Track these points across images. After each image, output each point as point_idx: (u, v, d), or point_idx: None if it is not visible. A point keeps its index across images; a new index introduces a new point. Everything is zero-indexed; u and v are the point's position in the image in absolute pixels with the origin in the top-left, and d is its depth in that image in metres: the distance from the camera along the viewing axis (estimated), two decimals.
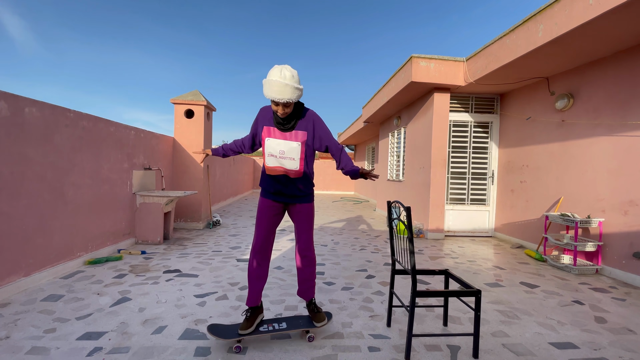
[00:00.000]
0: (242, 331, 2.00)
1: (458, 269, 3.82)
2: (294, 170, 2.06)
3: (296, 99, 1.90)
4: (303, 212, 2.19)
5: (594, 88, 3.98)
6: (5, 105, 2.61)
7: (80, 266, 3.47)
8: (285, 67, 1.86)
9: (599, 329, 2.40)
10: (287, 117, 2.00)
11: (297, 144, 2.03)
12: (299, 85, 1.89)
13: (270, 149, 2.04)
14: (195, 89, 5.87)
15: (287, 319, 2.24)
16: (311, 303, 2.22)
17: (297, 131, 2.05)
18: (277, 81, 1.81)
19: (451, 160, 5.84)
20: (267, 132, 2.06)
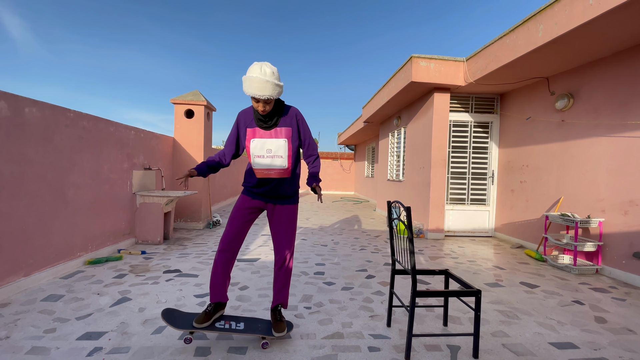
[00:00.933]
0: (196, 324, 1.96)
1: (458, 269, 3.82)
2: (282, 169, 2.02)
3: (277, 95, 1.88)
4: (286, 214, 2.11)
5: (594, 88, 3.98)
6: (5, 105, 2.62)
7: (80, 266, 3.47)
8: (265, 64, 1.84)
9: (599, 329, 2.40)
10: (268, 115, 1.98)
11: (283, 140, 2.00)
12: (280, 82, 1.88)
13: (257, 149, 2.00)
14: (195, 89, 5.87)
15: (246, 319, 2.16)
16: (276, 309, 2.13)
17: (280, 128, 2.02)
18: (257, 77, 1.79)
19: (451, 160, 5.84)
20: (252, 133, 2.02)
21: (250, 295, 2.85)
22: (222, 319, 2.11)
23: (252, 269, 3.57)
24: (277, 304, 2.14)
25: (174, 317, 2.01)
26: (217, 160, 2.17)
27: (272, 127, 2.00)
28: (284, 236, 2.11)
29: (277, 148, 1.99)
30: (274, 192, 2.08)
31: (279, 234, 2.12)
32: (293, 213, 2.15)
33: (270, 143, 1.99)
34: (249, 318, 2.17)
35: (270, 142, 1.99)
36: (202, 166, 2.14)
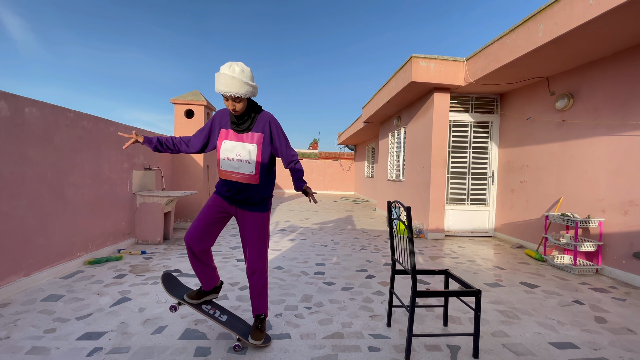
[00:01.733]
0: (187, 297, 2.08)
1: (458, 269, 3.82)
2: (249, 175, 1.98)
3: (246, 94, 1.85)
4: (253, 222, 2.05)
5: (594, 88, 3.98)
6: (5, 105, 2.62)
7: (80, 266, 3.47)
8: (236, 63, 1.84)
9: (599, 329, 2.40)
10: (242, 117, 1.96)
11: (253, 145, 1.97)
12: (251, 82, 1.85)
13: (227, 152, 1.97)
14: (195, 89, 5.87)
15: (231, 315, 2.16)
16: (258, 317, 2.10)
17: (253, 133, 1.98)
18: (224, 74, 1.78)
19: (451, 160, 5.84)
20: (224, 134, 2.00)
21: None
22: (210, 304, 2.16)
23: None
24: (257, 314, 2.12)
25: (171, 284, 2.11)
26: (173, 142, 2.10)
27: (244, 131, 1.98)
28: (252, 245, 2.05)
29: (246, 153, 1.96)
30: (240, 196, 2.03)
31: (247, 243, 2.07)
32: (262, 221, 2.08)
33: (241, 147, 1.97)
34: (234, 315, 2.18)
35: (241, 146, 1.97)
36: (154, 138, 2.06)
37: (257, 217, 2.06)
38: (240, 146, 1.97)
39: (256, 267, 2.06)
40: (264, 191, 2.07)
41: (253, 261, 2.06)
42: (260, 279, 2.09)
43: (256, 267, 2.06)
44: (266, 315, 2.15)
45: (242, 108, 1.92)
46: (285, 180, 16.40)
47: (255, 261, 2.06)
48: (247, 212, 2.06)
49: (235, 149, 1.97)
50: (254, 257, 2.06)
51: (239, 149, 1.97)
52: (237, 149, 1.97)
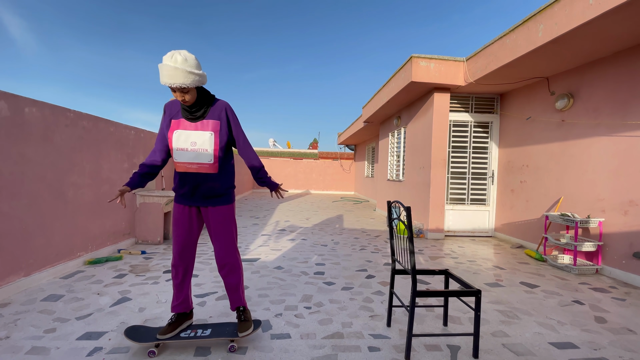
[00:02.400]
0: (160, 336, 1.92)
1: (458, 269, 3.82)
2: (208, 164, 1.92)
3: (193, 84, 1.77)
4: (218, 215, 2.00)
5: (594, 88, 3.98)
6: (5, 105, 2.62)
7: (80, 266, 3.47)
8: (178, 52, 1.75)
9: (599, 329, 2.40)
10: (195, 106, 1.89)
11: (209, 133, 1.90)
12: (196, 70, 1.77)
13: (180, 142, 1.89)
14: None
15: (214, 325, 2.13)
16: (239, 310, 2.09)
17: (208, 120, 1.92)
18: (167, 65, 1.70)
19: (451, 160, 5.84)
20: (176, 124, 1.91)
21: (250, 295, 2.85)
22: (189, 328, 2.08)
23: (252, 269, 3.57)
24: (236, 307, 2.10)
25: (138, 333, 1.96)
26: (149, 165, 1.98)
27: (198, 119, 1.91)
28: (219, 239, 2.01)
29: (202, 141, 1.89)
30: (200, 191, 1.96)
31: (214, 238, 2.02)
32: (227, 213, 2.02)
33: (196, 135, 1.90)
34: (218, 324, 2.15)
35: (196, 135, 1.90)
36: (135, 178, 1.95)
37: (221, 210, 2.01)
38: (195, 134, 1.90)
39: (225, 262, 2.02)
40: (225, 181, 2.01)
41: (221, 256, 2.02)
42: (232, 274, 2.05)
43: (225, 262, 2.02)
44: (245, 306, 2.12)
45: (192, 98, 1.85)
46: (285, 179, 16.40)
47: (223, 256, 2.02)
48: (210, 208, 2.00)
49: (190, 138, 1.89)
50: (222, 251, 2.01)
51: (194, 138, 1.89)
52: (191, 138, 1.89)
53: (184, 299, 2.06)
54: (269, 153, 20.22)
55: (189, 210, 2.00)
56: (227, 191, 2.04)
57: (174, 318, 2.04)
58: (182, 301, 2.06)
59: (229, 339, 1.98)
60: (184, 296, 2.06)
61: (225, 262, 2.03)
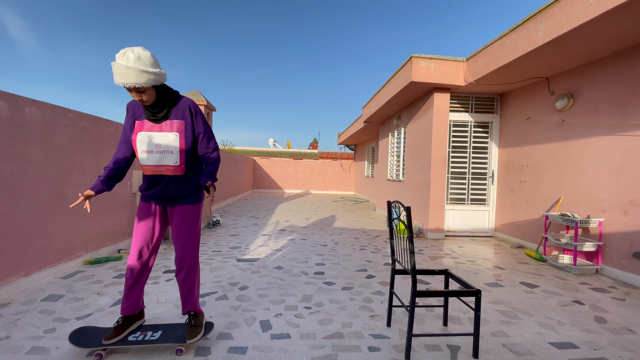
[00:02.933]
0: (105, 341, 1.85)
1: (458, 268, 3.82)
2: (174, 166, 1.87)
3: (148, 83, 1.68)
4: (183, 214, 1.95)
5: (594, 88, 3.98)
6: (5, 105, 2.62)
7: (80, 266, 3.47)
8: (132, 49, 1.65)
9: (599, 329, 2.40)
10: (156, 106, 1.82)
11: (174, 134, 1.84)
12: (151, 69, 1.68)
13: (144, 144, 1.83)
14: (195, 89, 5.87)
15: (165, 327, 2.07)
16: (189, 314, 2.03)
17: (172, 121, 1.85)
18: (118, 64, 1.62)
19: (451, 160, 5.84)
20: (139, 126, 1.85)
21: (250, 295, 2.85)
22: (138, 329, 2.01)
23: (252, 269, 3.57)
24: (187, 311, 2.04)
25: (83, 336, 1.90)
26: (114, 167, 1.93)
27: (162, 120, 1.84)
28: (179, 239, 1.94)
29: (167, 143, 1.84)
30: (167, 192, 1.92)
31: (176, 237, 1.95)
32: (191, 213, 1.97)
33: (160, 137, 1.84)
34: (169, 325, 2.10)
35: (160, 136, 1.84)
36: (98, 183, 1.88)
37: (186, 209, 1.96)
38: (159, 136, 1.84)
39: (183, 263, 1.95)
40: (192, 182, 1.97)
41: (179, 257, 1.95)
42: (188, 277, 1.98)
43: (183, 263, 1.95)
44: (197, 311, 2.05)
45: (151, 98, 1.77)
46: (285, 180, 16.40)
47: (181, 257, 1.95)
48: (177, 207, 1.96)
49: (154, 140, 1.84)
50: (180, 252, 1.94)
51: (158, 140, 1.84)
52: (155, 140, 1.84)
53: (135, 300, 1.99)
54: (269, 153, 20.23)
55: (154, 208, 1.97)
56: (194, 191, 1.99)
57: (120, 321, 1.96)
58: (132, 302, 1.98)
59: (177, 345, 1.92)
60: (134, 297, 1.98)
61: (184, 264, 1.95)
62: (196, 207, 2.00)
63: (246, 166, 13.82)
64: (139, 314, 2.06)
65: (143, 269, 1.97)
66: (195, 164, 2.01)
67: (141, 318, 2.07)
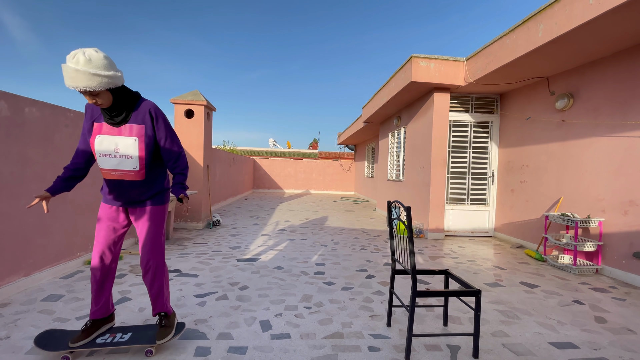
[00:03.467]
0: (72, 344, 1.80)
1: (458, 268, 3.82)
2: (133, 172, 1.82)
3: (100, 86, 1.61)
4: (147, 215, 1.93)
5: (594, 88, 3.98)
6: (5, 105, 2.62)
7: (80, 266, 3.47)
8: (83, 51, 1.57)
9: (599, 328, 2.40)
10: (114, 110, 1.75)
11: (132, 139, 1.79)
12: (104, 72, 1.60)
13: (102, 147, 1.78)
14: (195, 89, 5.87)
15: (136, 328, 2.05)
16: (160, 315, 2.01)
17: (131, 125, 1.80)
18: (68, 67, 1.55)
19: (451, 160, 5.84)
20: (98, 128, 1.79)
21: (250, 295, 2.85)
22: (107, 332, 1.99)
23: (252, 269, 3.57)
24: (157, 312, 2.02)
25: (49, 340, 1.86)
26: (73, 169, 1.87)
27: (120, 124, 1.79)
28: (144, 240, 1.92)
29: (125, 147, 1.78)
30: (128, 196, 1.89)
31: (140, 238, 1.93)
32: (156, 214, 1.94)
33: (118, 141, 1.78)
34: (140, 326, 2.08)
35: (118, 140, 1.78)
36: (58, 183, 1.84)
37: (150, 210, 1.93)
38: (118, 140, 1.78)
39: (149, 266, 1.92)
40: (154, 186, 1.93)
41: (144, 260, 1.92)
42: (155, 280, 1.95)
43: (149, 266, 1.92)
44: (168, 312, 2.04)
45: (106, 101, 1.71)
46: (285, 180, 16.40)
47: (146, 260, 1.91)
48: (139, 209, 1.94)
49: (112, 144, 1.78)
50: (145, 255, 1.91)
51: (117, 144, 1.78)
52: (114, 144, 1.78)
53: (103, 304, 1.96)
54: (269, 153, 20.23)
55: (115, 209, 1.93)
56: (157, 195, 1.96)
57: (89, 324, 1.93)
58: (101, 307, 1.95)
59: (147, 346, 1.90)
60: (103, 301, 1.95)
61: (149, 266, 1.92)
62: (160, 208, 1.97)
63: (246, 166, 13.82)
64: (109, 316, 2.02)
65: (106, 272, 1.93)
66: (157, 168, 1.95)
67: (111, 321, 2.04)
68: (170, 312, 2.06)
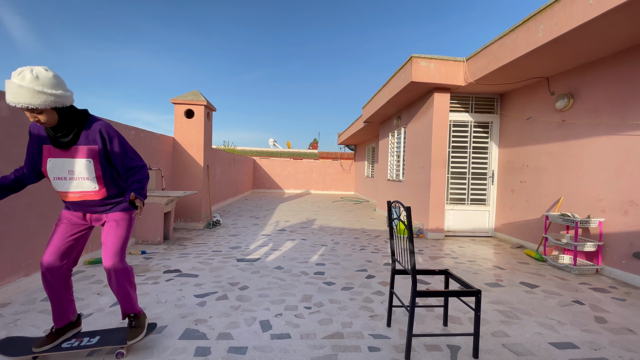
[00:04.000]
0: (36, 349, 1.75)
1: (458, 269, 3.82)
2: (93, 192, 1.78)
3: (44, 105, 1.55)
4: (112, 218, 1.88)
5: (594, 88, 3.98)
6: (5, 105, 2.62)
7: (81, 266, 3.47)
8: (31, 68, 1.54)
9: (599, 329, 2.40)
10: (60, 130, 1.68)
11: (86, 160, 1.73)
12: (50, 90, 1.55)
13: (55, 171, 1.72)
14: (195, 89, 5.87)
15: (104, 332, 2.01)
16: (129, 317, 1.98)
17: (82, 146, 1.73)
18: (12, 82, 1.50)
19: (451, 160, 5.84)
20: (48, 151, 1.72)
21: (250, 295, 2.85)
22: (74, 337, 1.93)
23: (252, 269, 3.57)
24: (126, 315, 1.98)
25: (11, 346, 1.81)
26: (13, 179, 1.78)
27: (69, 145, 1.71)
28: (105, 245, 1.85)
29: (80, 170, 1.73)
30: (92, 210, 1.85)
31: (103, 241, 1.87)
32: (121, 218, 1.90)
33: (71, 164, 1.72)
34: (109, 330, 2.04)
35: (71, 163, 1.72)
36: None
37: (114, 216, 1.89)
38: (71, 163, 1.72)
39: (109, 271, 1.84)
40: (118, 198, 1.91)
41: (106, 265, 1.83)
42: (119, 283, 1.88)
43: (109, 271, 1.84)
44: (138, 313, 2.00)
45: (50, 120, 1.62)
46: (285, 180, 16.40)
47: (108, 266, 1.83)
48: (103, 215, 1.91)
49: (65, 167, 1.72)
50: (107, 256, 1.83)
51: (70, 166, 1.72)
52: (67, 167, 1.72)
53: (64, 311, 1.90)
54: (269, 153, 20.23)
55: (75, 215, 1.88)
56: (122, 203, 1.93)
57: (54, 329, 1.88)
58: (63, 314, 1.90)
59: (118, 347, 1.87)
60: (64, 308, 1.89)
61: (110, 271, 1.85)
62: (124, 214, 1.92)
63: (246, 166, 13.82)
64: (76, 321, 1.97)
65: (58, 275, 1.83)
66: (118, 182, 1.91)
67: (77, 326, 1.98)
68: (140, 313, 2.02)
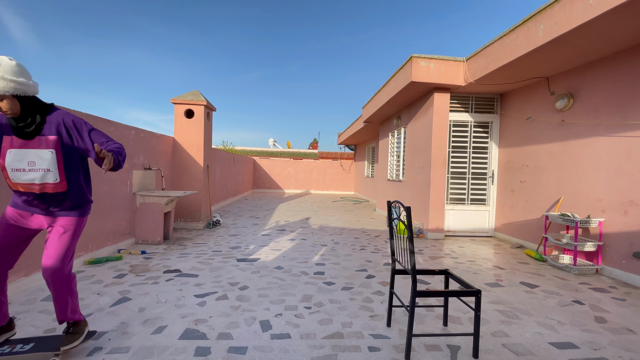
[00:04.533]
0: None
1: (458, 268, 3.82)
2: (53, 184, 1.75)
3: (4, 90, 1.56)
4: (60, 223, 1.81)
5: (594, 88, 3.98)
6: None
7: (81, 266, 3.47)
8: None
9: (599, 329, 2.40)
10: (22, 120, 1.68)
11: (49, 151, 1.71)
12: (12, 77, 1.56)
13: (15, 162, 1.69)
14: (195, 89, 5.87)
15: (39, 339, 1.91)
16: (67, 324, 1.90)
17: (46, 137, 1.72)
18: None
19: (451, 160, 5.84)
20: (8, 142, 1.70)
21: (250, 295, 2.85)
22: (6, 342, 1.84)
23: (252, 269, 3.57)
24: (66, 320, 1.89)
25: None
26: None
27: (32, 136, 1.70)
28: (47, 249, 1.77)
29: (42, 161, 1.71)
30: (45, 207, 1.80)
31: (46, 246, 1.79)
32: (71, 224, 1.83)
33: (33, 154, 1.70)
34: (44, 337, 1.95)
35: (33, 154, 1.70)
36: None
37: (65, 220, 1.83)
38: (32, 154, 1.70)
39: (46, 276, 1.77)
40: (78, 196, 1.85)
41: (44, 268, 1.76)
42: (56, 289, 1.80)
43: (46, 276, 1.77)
44: (79, 320, 1.93)
45: (12, 109, 1.63)
46: (285, 180, 16.40)
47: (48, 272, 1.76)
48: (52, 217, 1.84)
49: (26, 158, 1.70)
50: (46, 262, 1.76)
51: (31, 157, 1.70)
52: (28, 158, 1.70)
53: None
54: (269, 153, 20.24)
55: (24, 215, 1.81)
56: (77, 206, 1.87)
57: None
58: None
59: (52, 353, 1.78)
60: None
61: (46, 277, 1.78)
62: (79, 220, 1.87)
63: (246, 166, 13.82)
64: (7, 325, 1.88)
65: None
66: (80, 179, 1.87)
67: (10, 330, 1.89)
68: (81, 320, 1.95)
